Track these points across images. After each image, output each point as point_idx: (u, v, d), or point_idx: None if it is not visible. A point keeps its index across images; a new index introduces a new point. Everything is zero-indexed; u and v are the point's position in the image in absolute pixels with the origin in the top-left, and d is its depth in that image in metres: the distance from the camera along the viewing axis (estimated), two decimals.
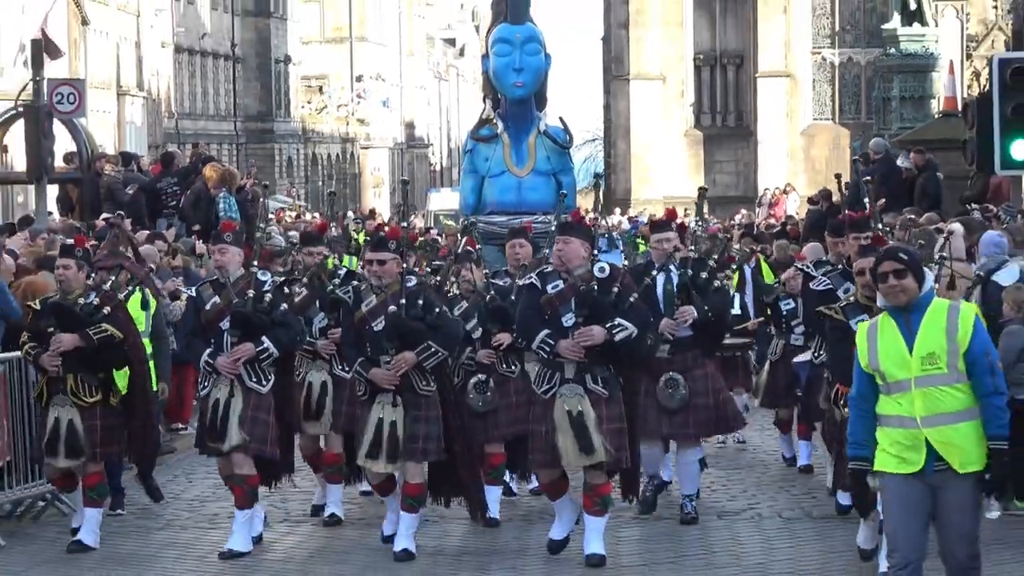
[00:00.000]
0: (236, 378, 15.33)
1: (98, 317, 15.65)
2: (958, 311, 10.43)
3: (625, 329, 14.25)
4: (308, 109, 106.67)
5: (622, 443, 14.51)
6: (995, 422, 10.29)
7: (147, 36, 79.82)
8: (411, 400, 14.94)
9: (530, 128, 26.19)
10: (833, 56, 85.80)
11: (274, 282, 16.16)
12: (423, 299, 15.22)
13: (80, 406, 15.60)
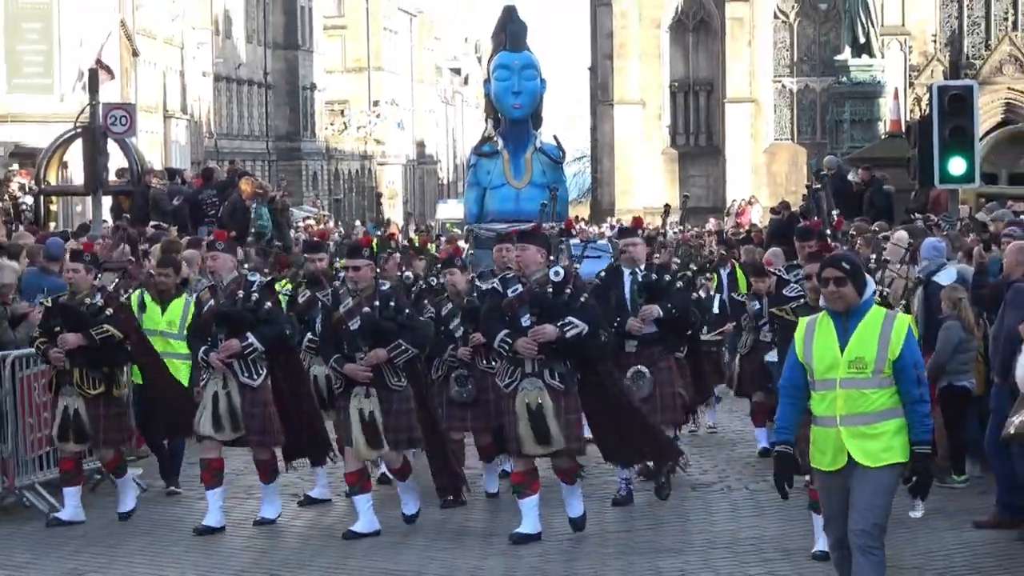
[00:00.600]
0: (229, 372, 15.21)
1: (101, 318, 15.57)
2: (893, 321, 10.21)
3: (575, 327, 14.11)
4: (331, 130, 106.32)
5: (580, 433, 14.47)
6: (919, 428, 10.09)
7: (190, 66, 79.64)
8: (383, 395, 14.77)
9: (527, 145, 26.34)
10: (792, 84, 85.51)
11: (261, 283, 15.99)
12: (395, 301, 15.06)
13: (85, 397, 15.56)
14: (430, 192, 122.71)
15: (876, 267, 16.61)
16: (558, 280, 14.27)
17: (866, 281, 10.39)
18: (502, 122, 26.95)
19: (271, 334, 15.36)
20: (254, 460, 15.87)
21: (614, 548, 14.58)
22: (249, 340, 15.10)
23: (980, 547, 14.69)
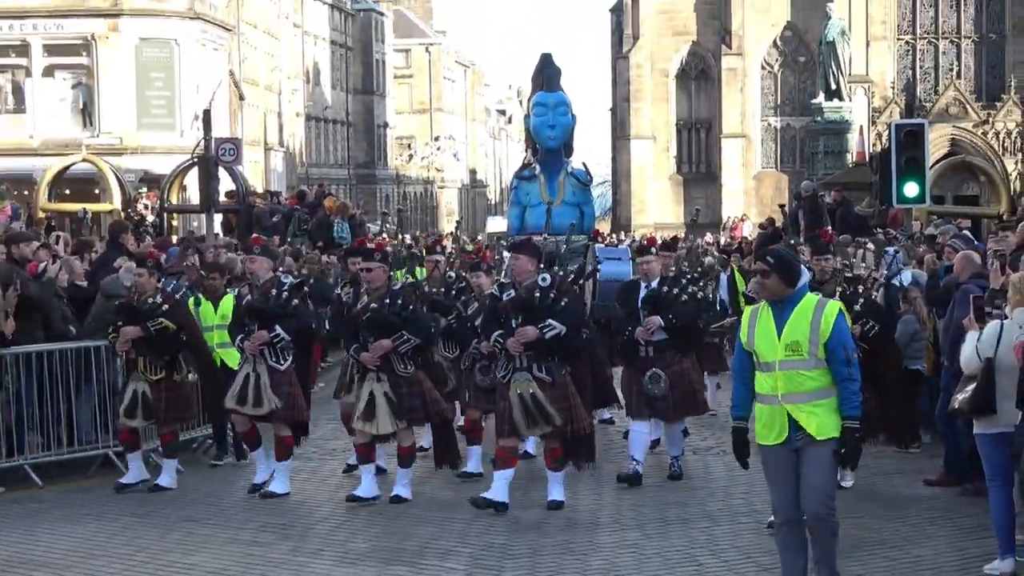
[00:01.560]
0: (260, 356, 14.99)
1: (159, 313, 15.47)
2: (823, 307, 9.79)
3: (553, 328, 13.69)
4: (400, 160, 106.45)
5: (566, 417, 13.98)
6: (848, 404, 9.66)
7: (286, 108, 79.75)
8: (392, 379, 14.48)
9: (560, 170, 26.27)
10: (776, 122, 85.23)
11: (291, 283, 15.73)
12: (402, 299, 14.72)
13: (149, 381, 15.47)
14: (481, 210, 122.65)
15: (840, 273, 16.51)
16: (545, 285, 13.93)
17: (798, 273, 9.94)
18: (539, 151, 26.91)
19: (296, 327, 15.15)
20: (275, 436, 15.44)
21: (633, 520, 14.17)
22: (277, 331, 14.91)
23: (930, 500, 14.72)
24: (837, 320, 9.73)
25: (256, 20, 73.42)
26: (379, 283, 14.80)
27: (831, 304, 9.91)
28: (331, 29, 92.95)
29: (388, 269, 15.66)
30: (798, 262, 10.25)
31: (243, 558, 12.54)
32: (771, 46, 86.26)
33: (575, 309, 14.52)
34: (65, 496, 15.46)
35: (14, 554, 12.80)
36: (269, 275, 15.62)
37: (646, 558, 12.20)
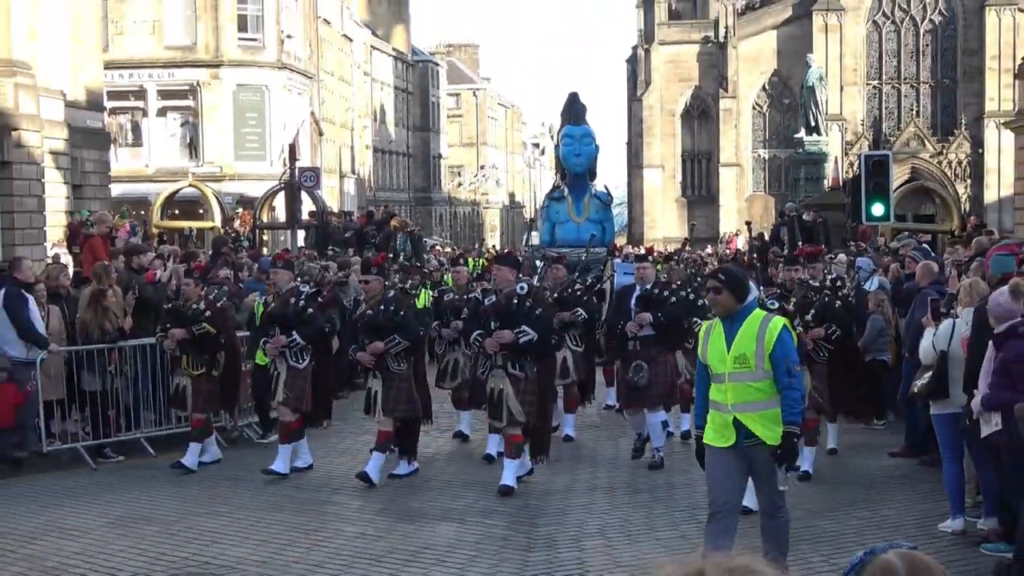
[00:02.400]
0: (280, 357, 14.71)
1: (202, 318, 15.28)
2: (768, 323, 9.18)
3: (527, 334, 13.18)
4: (451, 185, 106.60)
5: (533, 410, 13.51)
6: (789, 411, 9.07)
7: (357, 142, 79.88)
8: (386, 375, 14.04)
9: (585, 192, 26.49)
10: (765, 154, 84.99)
11: (307, 293, 15.39)
12: (395, 306, 14.27)
13: (190, 376, 15.34)
14: (519, 227, 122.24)
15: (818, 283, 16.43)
16: (522, 293, 13.46)
17: (748, 289, 9.33)
18: (567, 176, 27.20)
19: (310, 332, 14.77)
20: (280, 421, 15.12)
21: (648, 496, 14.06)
22: (293, 336, 14.54)
23: (893, 470, 14.72)
24: (781, 334, 9.15)
25: (333, 69, 73.62)
26: (374, 293, 14.54)
27: (775, 320, 9.36)
28: (395, 76, 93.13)
29: (383, 281, 15.29)
30: (747, 280, 9.66)
31: (320, 515, 12.66)
32: (760, 90, 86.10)
33: (547, 317, 14.07)
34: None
35: (131, 511, 12.95)
36: (290, 285, 15.37)
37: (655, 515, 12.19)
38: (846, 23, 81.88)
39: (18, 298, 15.74)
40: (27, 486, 14.60)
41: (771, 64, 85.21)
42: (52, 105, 37.52)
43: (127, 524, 12.36)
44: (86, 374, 16.34)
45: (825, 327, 14.27)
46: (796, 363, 9.34)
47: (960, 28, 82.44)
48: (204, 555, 11.01)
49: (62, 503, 13.50)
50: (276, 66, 58.62)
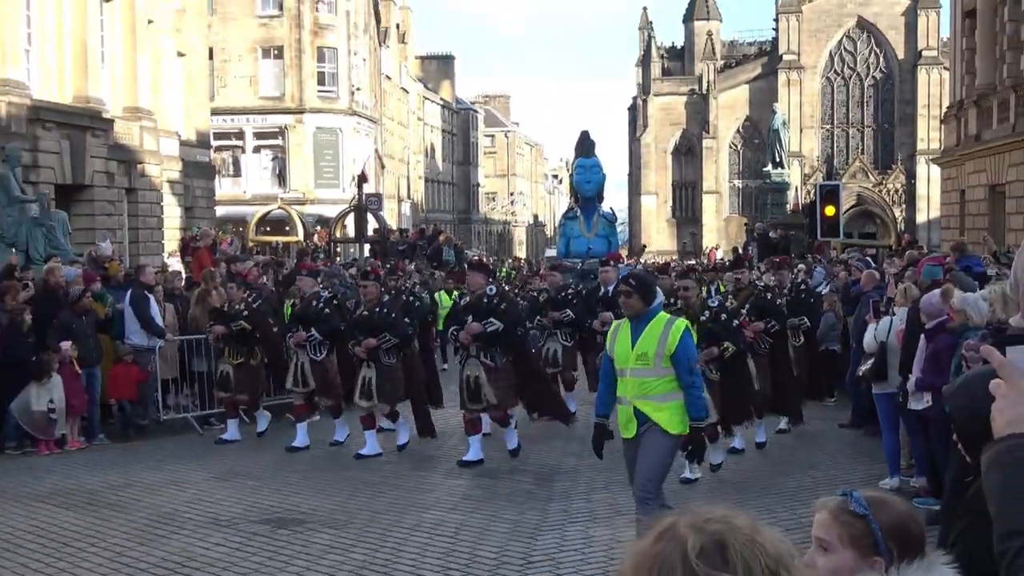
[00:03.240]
0: (303, 350, 14.24)
1: (239, 317, 14.93)
2: (672, 325, 8.36)
3: (493, 324, 12.55)
4: (487, 208, 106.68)
5: (508, 393, 12.96)
6: (694, 407, 8.31)
7: (412, 173, 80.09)
8: (380, 367, 13.43)
9: (595, 212, 26.42)
10: (739, 183, 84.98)
11: (326, 297, 14.79)
12: (387, 308, 13.76)
13: (232, 364, 15.05)
14: (541, 242, 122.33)
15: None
16: (491, 294, 12.89)
17: (655, 294, 8.51)
18: (579, 199, 27.13)
19: (325, 329, 14.13)
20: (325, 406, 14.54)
21: None
22: (312, 332, 14.05)
23: (842, 438, 14.64)
24: (683, 336, 8.33)
25: (393, 115, 73.79)
26: (372, 296, 13.92)
27: (679, 322, 8.50)
28: (442, 121, 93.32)
29: (380, 287, 14.71)
30: (655, 285, 8.82)
31: (379, 474, 12.63)
32: (736, 132, 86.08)
33: (512, 312, 13.36)
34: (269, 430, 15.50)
35: (230, 468, 12.97)
36: (313, 290, 14.92)
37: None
38: (805, 79, 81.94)
39: (142, 298, 15.85)
40: (148, 448, 14.68)
41: (744, 111, 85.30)
42: (169, 144, 37.71)
43: (227, 478, 12.38)
44: (195, 358, 16.44)
45: (765, 321, 13.60)
46: (695, 361, 8.61)
47: (897, 83, 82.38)
48: (288, 503, 11.02)
49: (175, 461, 13.54)
50: (347, 113, 58.83)
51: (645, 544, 1.71)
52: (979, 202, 31.27)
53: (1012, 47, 29.70)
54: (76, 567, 8.79)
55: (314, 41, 57.47)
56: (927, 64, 79.77)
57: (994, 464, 2.18)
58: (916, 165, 78.48)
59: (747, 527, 1.72)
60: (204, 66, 44.55)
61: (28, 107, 28.22)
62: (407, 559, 8.89)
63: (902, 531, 2.74)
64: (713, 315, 12.00)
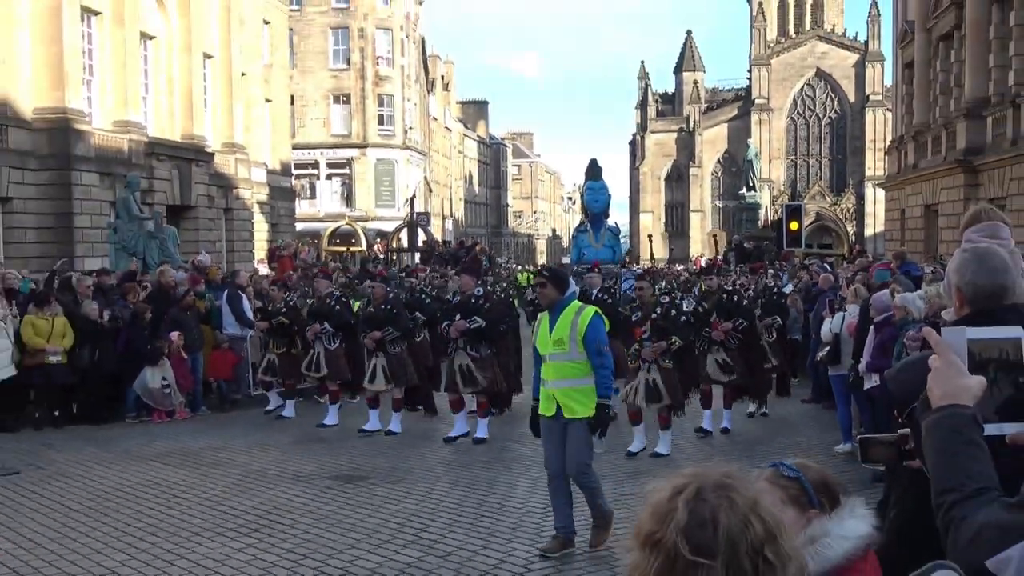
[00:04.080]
0: (319, 341, 13.62)
1: (278, 313, 14.46)
2: (581, 312, 7.59)
3: (476, 322, 11.84)
4: (514, 224, 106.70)
5: (493, 380, 12.15)
6: (601, 386, 7.50)
7: (454, 195, 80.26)
8: (388, 356, 12.75)
9: (602, 227, 26.29)
10: (720, 203, 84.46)
11: (338, 296, 14.18)
12: (391, 305, 13.09)
13: (276, 353, 14.51)
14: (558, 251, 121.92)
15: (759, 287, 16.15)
16: (478, 295, 12.18)
17: (567, 284, 7.75)
18: (589, 215, 26.97)
19: (337, 323, 13.55)
20: (328, 389, 13.89)
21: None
22: (325, 325, 13.47)
23: (804, 411, 14.50)
24: (591, 321, 7.53)
25: (438, 148, 73.93)
26: (378, 296, 13.23)
27: (588, 309, 7.69)
28: (479, 154, 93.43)
29: (385, 287, 14.04)
30: (568, 276, 8.06)
31: (430, 439, 12.55)
32: (716, 162, 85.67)
33: (497, 311, 12.62)
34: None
35: (307, 434, 12.90)
36: (328, 290, 14.35)
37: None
38: (773, 119, 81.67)
39: (236, 296, 15.88)
40: (239, 417, 14.67)
41: (724, 145, 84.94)
42: (258, 172, 37.85)
43: (304, 442, 12.35)
44: None
45: (733, 320, 12.51)
46: (605, 344, 7.65)
47: (848, 121, 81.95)
48: (355, 463, 11.01)
49: (262, 429, 13.52)
50: (402, 147, 58.96)
51: (662, 497, 1.67)
52: (917, 219, 31.14)
53: (943, 92, 29.66)
54: (184, 513, 8.82)
55: (375, 90, 57.63)
56: (874, 106, 79.26)
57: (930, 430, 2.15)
58: (865, 188, 77.95)
59: (747, 504, 1.67)
60: (286, 110, 44.70)
61: (145, 143, 28.40)
62: (448, 508, 8.88)
63: (826, 485, 2.74)
64: (664, 312, 11.28)
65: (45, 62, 24.74)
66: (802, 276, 19.60)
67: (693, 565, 1.58)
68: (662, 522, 1.63)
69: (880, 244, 55.68)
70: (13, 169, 24.10)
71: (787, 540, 1.67)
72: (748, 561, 1.59)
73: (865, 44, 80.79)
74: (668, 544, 1.61)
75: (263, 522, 8.47)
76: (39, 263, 22.05)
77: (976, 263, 2.93)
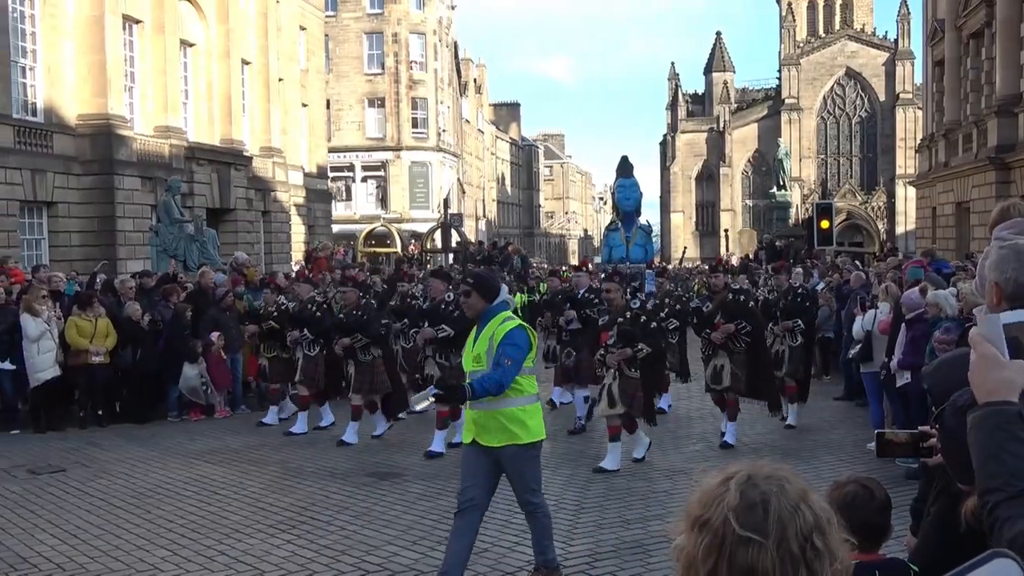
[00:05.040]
0: (299, 346, 12.89)
1: (269, 317, 13.75)
2: (504, 323, 6.33)
3: (444, 331, 11.02)
4: (546, 224, 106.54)
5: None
6: (481, 380, 6.09)
7: (487, 196, 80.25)
8: (358, 364, 12.03)
9: (633, 225, 25.63)
10: (750, 202, 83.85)
11: (320, 303, 13.25)
12: (362, 311, 12.17)
13: (266, 358, 14.05)
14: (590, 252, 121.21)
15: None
16: (448, 301, 11.14)
17: (495, 292, 6.47)
18: (620, 213, 26.43)
19: (317, 330, 12.56)
20: (299, 396, 13.13)
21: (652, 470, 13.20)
22: (304, 332, 12.63)
23: (836, 408, 14.33)
24: (510, 332, 6.23)
25: (471, 151, 73.98)
26: (349, 302, 12.51)
27: (511, 322, 6.35)
28: (511, 155, 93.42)
29: (358, 292, 13.10)
30: (496, 283, 6.69)
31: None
32: (747, 162, 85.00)
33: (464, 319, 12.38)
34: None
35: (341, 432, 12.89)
36: (311, 295, 13.37)
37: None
38: (803, 118, 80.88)
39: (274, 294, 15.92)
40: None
41: (754, 145, 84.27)
42: (295, 175, 38.08)
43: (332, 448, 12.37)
44: None
45: (736, 322, 11.27)
46: (511, 359, 6.19)
47: (879, 120, 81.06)
48: (391, 460, 11.02)
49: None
50: (435, 149, 59.07)
51: (713, 484, 1.65)
52: (948, 216, 30.78)
53: (974, 90, 29.30)
54: (224, 510, 8.87)
55: (409, 93, 57.77)
56: (904, 104, 78.37)
57: (974, 428, 2.11)
58: (895, 187, 77.13)
59: (798, 492, 1.65)
60: (322, 114, 44.95)
61: (185, 148, 28.65)
62: None
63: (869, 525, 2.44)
64: (633, 317, 10.24)
65: (89, 70, 25.03)
66: (834, 275, 19.44)
67: (744, 542, 1.56)
68: (712, 504, 1.61)
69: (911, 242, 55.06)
70: (58, 174, 24.40)
71: (835, 534, 1.64)
72: (797, 546, 1.57)
73: (895, 43, 79.91)
74: (717, 524, 1.58)
75: (301, 518, 8.50)
76: (83, 266, 22.30)
77: (1016, 259, 2.88)
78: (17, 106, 23.58)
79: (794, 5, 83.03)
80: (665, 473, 10.10)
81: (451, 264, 33.00)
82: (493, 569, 7.02)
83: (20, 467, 10.92)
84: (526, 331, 6.37)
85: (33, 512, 8.90)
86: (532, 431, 6.32)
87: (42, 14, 24.22)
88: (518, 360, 6.24)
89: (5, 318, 13.37)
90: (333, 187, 50.91)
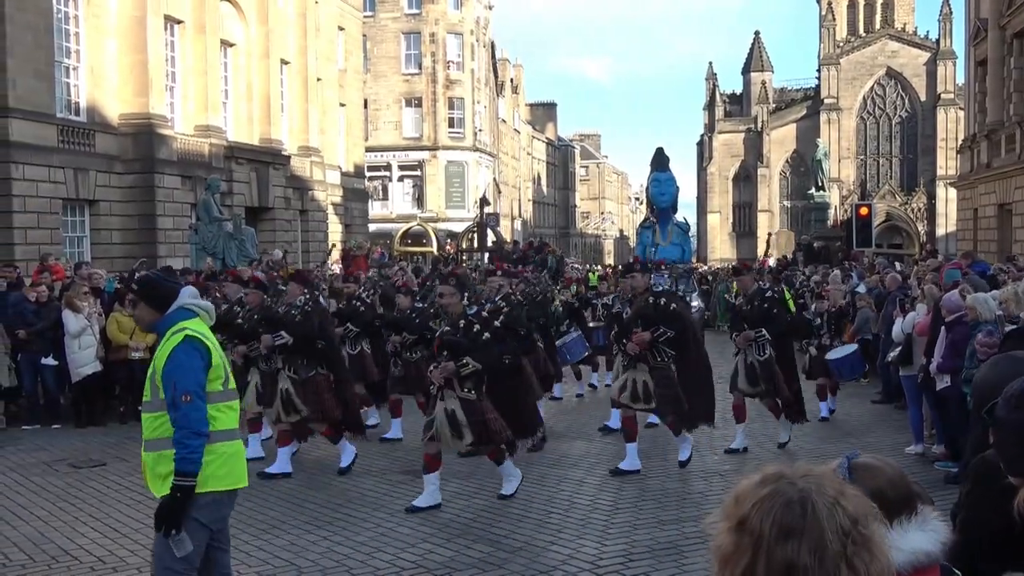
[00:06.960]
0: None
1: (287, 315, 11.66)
2: (172, 336, 4.65)
3: (282, 338, 10.14)
4: (582, 224, 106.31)
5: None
6: (179, 454, 4.52)
7: (523, 196, 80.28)
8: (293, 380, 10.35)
9: (669, 222, 24.80)
10: (788, 204, 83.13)
11: (300, 304, 10.54)
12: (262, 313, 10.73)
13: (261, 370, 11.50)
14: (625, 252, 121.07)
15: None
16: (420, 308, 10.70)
17: (167, 300, 4.73)
18: (655, 210, 25.47)
19: (299, 332, 10.14)
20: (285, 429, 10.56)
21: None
22: (280, 334, 10.29)
23: (875, 411, 14.20)
24: (174, 351, 4.60)
25: (507, 150, 74.04)
26: (253, 304, 11.13)
27: (180, 335, 4.64)
28: (547, 155, 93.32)
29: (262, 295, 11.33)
30: (172, 288, 4.83)
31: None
32: (785, 162, 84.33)
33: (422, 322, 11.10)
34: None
35: (378, 433, 12.88)
36: (301, 299, 10.71)
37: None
38: (842, 118, 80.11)
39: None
40: None
41: (792, 145, 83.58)
42: (333, 174, 38.32)
43: (375, 441, 12.36)
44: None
45: (652, 330, 9.82)
46: (188, 391, 4.55)
47: (919, 121, 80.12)
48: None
49: None
50: (471, 149, 59.18)
51: (751, 484, 1.67)
52: (990, 218, 30.44)
53: (1018, 90, 28.92)
54: (260, 506, 8.95)
55: (446, 93, 57.93)
56: (945, 105, 77.42)
57: None
58: (936, 188, 76.18)
59: (835, 489, 1.66)
60: (360, 114, 45.20)
61: (225, 147, 28.94)
62: (517, 504, 8.87)
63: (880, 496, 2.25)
64: (466, 326, 8.60)
65: (130, 70, 25.36)
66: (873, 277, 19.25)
67: (782, 539, 1.57)
68: (749, 503, 1.63)
69: (952, 244, 54.37)
70: (100, 173, 24.74)
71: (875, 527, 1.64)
72: (838, 542, 1.58)
73: (936, 42, 78.94)
74: (755, 522, 1.60)
75: (337, 515, 8.56)
76: (123, 263, 22.60)
77: None
78: (61, 105, 23.94)
79: (834, 4, 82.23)
80: (701, 475, 10.06)
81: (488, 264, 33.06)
82: (528, 568, 7.03)
83: (62, 461, 11.10)
84: (197, 342, 4.69)
85: (74, 506, 9.04)
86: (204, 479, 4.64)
87: (86, 15, 24.58)
88: (195, 389, 4.61)
89: (48, 314, 13.59)
90: (370, 186, 51.18)
